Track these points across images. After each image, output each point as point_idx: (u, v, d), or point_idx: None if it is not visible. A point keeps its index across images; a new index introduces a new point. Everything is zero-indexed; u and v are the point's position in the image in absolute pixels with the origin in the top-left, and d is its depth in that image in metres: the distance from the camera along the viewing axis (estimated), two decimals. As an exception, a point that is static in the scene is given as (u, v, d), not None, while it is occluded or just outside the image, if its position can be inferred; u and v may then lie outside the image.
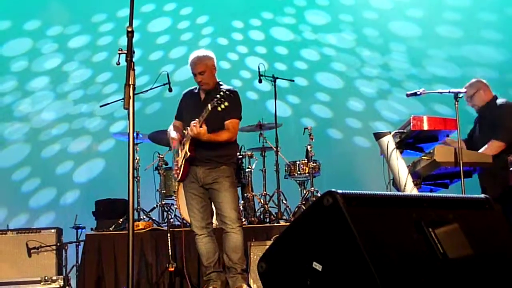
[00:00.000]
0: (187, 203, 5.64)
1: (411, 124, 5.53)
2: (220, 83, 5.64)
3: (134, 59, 3.25)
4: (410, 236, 2.72)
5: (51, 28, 9.85)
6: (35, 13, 9.77)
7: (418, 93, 5.79)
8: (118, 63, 3.42)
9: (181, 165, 5.47)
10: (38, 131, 9.66)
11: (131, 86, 3.15)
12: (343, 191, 2.62)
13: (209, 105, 5.14)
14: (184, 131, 5.50)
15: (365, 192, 2.73)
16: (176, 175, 5.63)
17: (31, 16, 9.76)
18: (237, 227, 5.40)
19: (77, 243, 6.92)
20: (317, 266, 2.64)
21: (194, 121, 5.22)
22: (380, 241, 2.59)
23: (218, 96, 5.11)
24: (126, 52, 3.21)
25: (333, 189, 2.62)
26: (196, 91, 5.71)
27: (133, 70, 3.21)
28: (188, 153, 5.37)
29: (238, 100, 5.52)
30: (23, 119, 9.64)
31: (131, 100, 3.12)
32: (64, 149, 9.71)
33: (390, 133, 5.74)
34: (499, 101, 6.12)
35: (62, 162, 9.67)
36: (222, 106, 5.09)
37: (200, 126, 5.19)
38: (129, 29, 3.24)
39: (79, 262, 6.78)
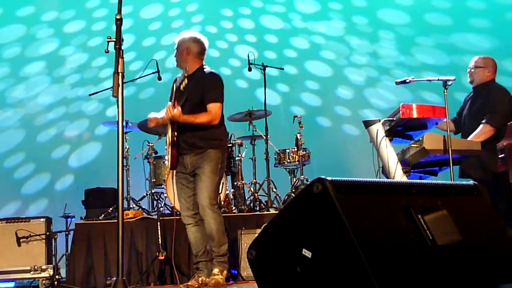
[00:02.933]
0: (176, 192, 5.62)
1: (400, 112, 5.54)
2: (204, 66, 5.59)
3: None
4: (399, 223, 2.73)
5: (46, 14, 9.80)
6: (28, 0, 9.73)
7: (407, 81, 5.80)
8: (107, 51, 3.41)
9: (168, 152, 5.43)
10: (33, 116, 9.62)
11: (120, 74, 3.15)
12: (333, 178, 2.62)
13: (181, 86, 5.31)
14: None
15: (354, 179, 2.73)
16: (167, 163, 5.58)
17: (23, 3, 9.70)
18: (209, 213, 5.31)
19: (67, 232, 6.92)
20: (307, 253, 2.64)
21: (169, 103, 5.29)
22: (370, 228, 2.60)
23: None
24: (115, 40, 3.19)
25: (322, 176, 2.63)
26: (184, 75, 5.68)
27: (122, 58, 3.21)
28: (171, 138, 5.32)
29: (218, 83, 5.46)
30: (16, 105, 9.59)
31: (119, 88, 3.11)
32: (60, 133, 9.69)
33: (379, 121, 5.74)
34: (496, 85, 6.14)
35: (58, 146, 9.65)
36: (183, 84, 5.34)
37: (174, 108, 5.20)
38: (118, 17, 3.25)
39: (69, 251, 6.78)
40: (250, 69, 7.91)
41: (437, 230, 2.78)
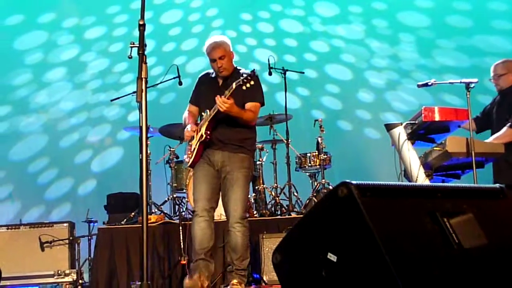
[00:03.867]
0: (194, 183, 5.41)
1: (423, 115, 5.50)
2: (238, 68, 5.45)
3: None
4: (425, 227, 2.71)
5: (66, 20, 9.90)
6: (49, 6, 9.82)
7: (429, 83, 5.77)
8: (130, 57, 3.43)
9: (194, 149, 5.28)
10: (56, 121, 9.72)
11: (143, 79, 3.15)
12: (358, 182, 2.61)
13: (234, 84, 4.97)
14: (203, 113, 5.34)
15: (379, 182, 2.72)
16: (187, 159, 5.40)
17: (44, 10, 9.80)
18: (238, 226, 5.17)
19: (89, 237, 6.96)
20: (332, 257, 2.64)
21: (220, 97, 5.00)
22: (395, 232, 2.59)
23: (244, 75, 4.96)
24: (138, 45, 3.21)
25: (347, 180, 2.62)
26: (213, 76, 5.51)
27: (145, 63, 3.21)
28: (204, 135, 5.17)
29: (260, 84, 5.31)
30: (39, 110, 9.69)
31: (143, 94, 3.12)
32: (82, 139, 9.77)
33: (401, 124, 5.72)
34: None
35: (80, 151, 9.73)
36: (248, 85, 4.90)
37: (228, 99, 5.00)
38: (141, 23, 3.26)
39: (92, 255, 6.82)
40: (270, 73, 7.89)
41: (463, 234, 2.76)
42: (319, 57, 10.35)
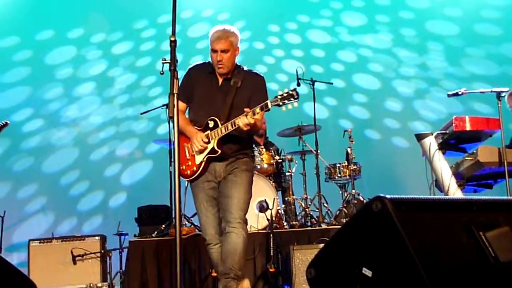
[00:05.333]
0: (198, 206, 4.86)
1: (453, 124, 5.48)
2: (240, 65, 4.89)
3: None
4: (461, 240, 2.69)
5: (94, 36, 10.02)
6: (78, 22, 9.95)
7: (460, 93, 5.73)
8: (162, 73, 3.45)
9: (201, 162, 4.73)
10: (86, 135, 9.82)
11: (175, 94, 3.15)
12: (392, 196, 2.60)
13: (269, 102, 4.44)
14: (209, 121, 4.72)
15: (414, 196, 2.70)
16: (188, 172, 4.80)
17: (73, 25, 9.94)
18: (240, 227, 4.61)
19: (121, 250, 7.00)
20: (367, 272, 2.63)
21: (246, 113, 4.46)
22: (431, 246, 2.57)
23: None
24: (169, 61, 3.22)
25: (381, 194, 2.61)
26: (210, 71, 4.91)
27: (177, 78, 3.22)
28: (218, 150, 4.66)
29: (265, 85, 4.83)
30: (70, 124, 9.80)
31: (175, 109, 3.13)
32: (112, 152, 9.86)
33: (432, 134, 5.70)
34: None
35: (111, 164, 9.81)
36: (290, 106, 4.46)
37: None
38: (172, 39, 3.26)
39: (123, 268, 6.85)
40: (299, 84, 7.88)
41: (499, 247, 2.73)
42: (346, 67, 10.35)
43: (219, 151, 4.66)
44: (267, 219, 6.45)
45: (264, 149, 7.59)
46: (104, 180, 9.70)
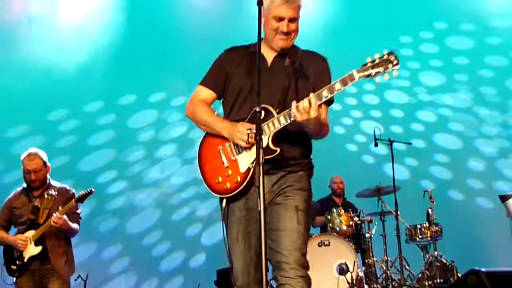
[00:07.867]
0: (231, 235, 3.54)
1: (539, 185, 5.34)
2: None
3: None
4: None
5: (175, 99, 10.29)
6: (158, 87, 10.26)
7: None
8: (247, 143, 3.38)
9: (248, 169, 3.43)
10: (168, 196, 10.00)
11: (261, 164, 3.04)
12: (488, 269, 2.53)
13: (356, 73, 3.23)
14: (257, 108, 3.08)
15: (510, 269, 2.62)
16: (228, 186, 3.61)
17: (155, 90, 10.25)
18: (299, 277, 3.27)
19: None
20: None
21: (305, 100, 3.21)
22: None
23: (380, 58, 3.19)
24: (255, 131, 3.11)
25: (476, 268, 2.55)
26: (251, 49, 3.60)
27: (262, 148, 3.06)
28: (276, 149, 3.33)
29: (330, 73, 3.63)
30: (152, 185, 10.03)
31: (261, 177, 3.01)
32: (192, 212, 9.98)
33: (516, 195, 5.55)
34: None
35: (191, 225, 9.93)
36: (386, 76, 3.22)
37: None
38: (257, 109, 3.08)
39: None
40: (376, 145, 7.90)
41: None
42: (426, 126, 10.25)
43: (277, 151, 3.33)
44: (348, 282, 6.37)
45: (342, 210, 7.56)
46: (185, 241, 9.81)
